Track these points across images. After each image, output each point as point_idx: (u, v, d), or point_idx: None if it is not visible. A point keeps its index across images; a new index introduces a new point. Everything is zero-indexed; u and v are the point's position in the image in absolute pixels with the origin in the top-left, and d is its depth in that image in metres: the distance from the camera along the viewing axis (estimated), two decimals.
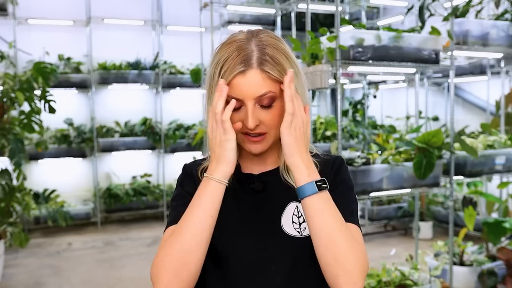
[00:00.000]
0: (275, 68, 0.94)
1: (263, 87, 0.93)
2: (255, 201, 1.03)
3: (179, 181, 1.08)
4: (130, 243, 5.45)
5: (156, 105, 6.84)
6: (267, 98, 0.94)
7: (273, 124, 0.96)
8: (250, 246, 1.00)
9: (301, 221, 1.00)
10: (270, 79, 0.93)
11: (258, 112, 0.94)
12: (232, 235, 1.01)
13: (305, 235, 0.98)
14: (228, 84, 0.93)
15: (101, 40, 6.36)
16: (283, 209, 1.02)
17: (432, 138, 2.92)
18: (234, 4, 4.82)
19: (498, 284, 3.43)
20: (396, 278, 3.01)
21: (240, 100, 0.93)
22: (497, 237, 3.52)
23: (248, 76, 0.93)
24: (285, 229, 1.00)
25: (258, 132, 0.96)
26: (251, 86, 0.93)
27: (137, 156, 6.82)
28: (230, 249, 1.00)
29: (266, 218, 1.02)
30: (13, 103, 4.09)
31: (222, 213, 0.97)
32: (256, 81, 0.93)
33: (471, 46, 3.17)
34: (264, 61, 0.93)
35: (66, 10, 6.35)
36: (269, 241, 1.00)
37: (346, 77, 5.35)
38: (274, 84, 0.94)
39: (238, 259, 1.00)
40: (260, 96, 0.93)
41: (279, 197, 1.03)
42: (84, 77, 6.29)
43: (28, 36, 6.06)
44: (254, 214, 1.02)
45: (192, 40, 6.23)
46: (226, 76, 0.93)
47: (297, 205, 1.02)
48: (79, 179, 6.50)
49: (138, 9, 6.70)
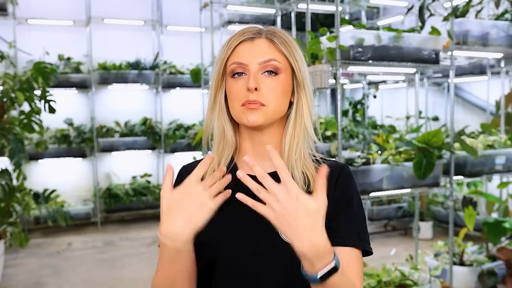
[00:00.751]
0: (283, 44, 0.96)
1: (269, 54, 0.95)
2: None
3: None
4: (130, 243, 5.45)
5: (156, 105, 6.85)
6: (271, 65, 0.95)
7: (272, 96, 0.95)
8: (243, 250, 0.95)
9: None
10: (277, 50, 0.96)
11: (260, 79, 0.95)
12: (224, 237, 0.97)
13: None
14: (233, 51, 0.96)
15: (101, 40, 6.36)
16: None
17: (432, 138, 2.92)
18: (234, 4, 4.82)
19: (498, 284, 3.43)
20: (396, 278, 3.01)
21: (245, 65, 0.95)
22: (497, 237, 3.52)
23: (256, 42, 0.96)
24: (281, 234, 0.93)
25: (257, 102, 0.94)
26: (257, 51, 0.95)
27: (137, 156, 6.82)
28: (221, 252, 0.96)
29: (261, 222, 0.93)
30: (13, 103, 4.09)
31: (217, 213, 0.94)
32: (263, 47, 0.95)
33: (471, 46, 3.17)
34: (274, 34, 0.97)
35: (66, 10, 6.35)
36: (264, 245, 0.95)
37: (346, 77, 5.35)
38: (280, 56, 0.96)
39: (229, 263, 0.96)
40: (265, 62, 0.94)
41: None
42: (84, 77, 6.29)
43: (28, 36, 6.06)
44: (248, 217, 0.95)
45: (192, 40, 6.23)
46: (232, 43, 0.96)
47: None
48: (79, 179, 6.50)
49: (138, 9, 6.71)
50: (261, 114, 0.95)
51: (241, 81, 0.96)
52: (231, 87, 0.97)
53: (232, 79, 0.97)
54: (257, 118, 0.95)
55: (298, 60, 0.98)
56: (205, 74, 5.36)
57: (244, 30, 0.98)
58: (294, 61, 0.97)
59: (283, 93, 0.96)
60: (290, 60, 0.97)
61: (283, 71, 0.96)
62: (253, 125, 0.96)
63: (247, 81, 0.94)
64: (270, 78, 0.95)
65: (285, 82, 0.97)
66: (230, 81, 0.98)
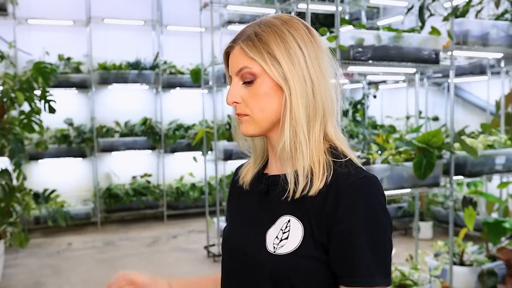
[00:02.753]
0: (255, 46, 0.90)
1: (240, 62, 0.92)
2: (258, 205, 0.98)
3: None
4: (130, 243, 5.45)
5: (156, 105, 6.85)
6: (245, 73, 0.92)
7: (252, 104, 0.92)
8: (237, 250, 0.98)
9: (284, 237, 0.89)
10: (247, 56, 0.92)
11: (240, 89, 0.94)
12: (231, 236, 1.02)
13: (279, 253, 0.88)
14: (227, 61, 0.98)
15: (101, 40, 6.36)
16: (276, 219, 0.92)
17: (432, 138, 2.92)
18: (234, 4, 4.82)
19: (498, 284, 3.43)
20: (396, 278, 3.01)
21: (231, 78, 0.96)
22: (497, 237, 3.52)
23: (233, 52, 0.95)
24: (266, 241, 0.91)
25: (239, 114, 0.95)
26: (233, 61, 0.94)
27: (137, 156, 6.82)
28: (225, 248, 1.03)
29: (258, 225, 0.95)
30: (13, 103, 4.09)
31: (235, 212, 1.05)
32: (236, 56, 0.94)
33: (471, 46, 3.17)
34: (248, 38, 0.92)
35: (66, 10, 6.35)
36: (250, 249, 0.94)
37: (346, 77, 5.34)
38: (252, 62, 0.91)
39: (227, 261, 1.01)
40: (239, 71, 0.93)
41: (277, 205, 0.93)
42: (84, 77, 6.29)
43: (28, 36, 6.06)
44: (252, 219, 0.98)
45: (192, 40, 6.24)
46: (224, 56, 0.98)
47: (289, 219, 0.90)
48: (79, 179, 6.50)
49: (138, 9, 6.70)
50: (248, 124, 0.94)
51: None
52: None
53: None
54: (246, 129, 0.95)
55: (277, 57, 0.90)
56: (205, 74, 5.36)
57: (237, 33, 0.98)
58: (265, 62, 0.90)
59: (266, 97, 0.91)
60: (260, 62, 0.90)
61: (260, 74, 0.91)
62: (246, 135, 0.97)
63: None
64: (248, 88, 0.93)
65: (264, 85, 0.91)
66: None
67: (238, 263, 0.97)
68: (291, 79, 0.89)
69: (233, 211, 1.07)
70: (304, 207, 0.88)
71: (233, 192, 1.10)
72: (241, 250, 0.97)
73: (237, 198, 1.06)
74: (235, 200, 1.07)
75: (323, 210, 0.86)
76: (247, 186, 1.03)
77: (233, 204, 1.08)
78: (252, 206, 1.00)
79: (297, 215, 0.89)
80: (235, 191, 1.08)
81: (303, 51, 0.91)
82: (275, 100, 0.91)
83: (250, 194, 1.01)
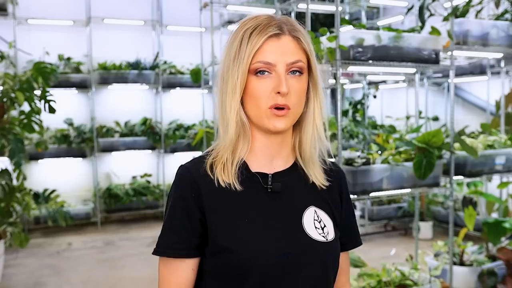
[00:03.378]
0: (306, 41, 0.94)
1: (296, 55, 0.92)
2: (272, 203, 0.95)
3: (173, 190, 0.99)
4: (130, 243, 5.45)
5: (156, 105, 6.84)
6: (297, 66, 0.92)
7: (297, 98, 0.92)
8: (275, 253, 0.91)
9: (322, 225, 0.97)
10: (301, 49, 0.93)
11: (287, 81, 0.91)
12: (253, 242, 0.91)
13: (330, 240, 0.97)
14: (259, 48, 0.91)
15: (101, 40, 6.35)
16: (302, 213, 0.96)
17: (432, 138, 2.92)
18: (234, 4, 4.82)
19: (498, 284, 3.43)
20: (396, 278, 3.01)
21: (271, 65, 0.91)
22: (497, 237, 3.52)
23: (283, 40, 0.92)
24: (310, 234, 0.95)
25: (286, 105, 0.91)
26: (284, 51, 0.91)
27: (137, 156, 6.82)
28: (253, 258, 0.90)
29: (288, 223, 0.95)
30: (13, 103, 4.09)
31: (238, 215, 0.93)
32: (290, 47, 0.92)
33: (471, 46, 3.17)
34: (296, 30, 0.94)
35: (66, 10, 6.35)
36: (296, 247, 0.93)
37: (346, 77, 5.35)
38: (304, 56, 0.94)
39: (263, 268, 0.90)
40: (292, 63, 0.91)
41: (297, 200, 0.97)
42: (84, 77, 6.28)
43: (28, 36, 6.06)
44: (274, 218, 0.94)
45: (192, 40, 6.23)
46: (257, 40, 0.90)
47: (315, 209, 0.98)
48: (79, 179, 6.50)
49: (138, 9, 6.70)
50: (287, 120, 0.92)
51: (267, 81, 0.91)
52: (255, 86, 0.91)
53: (256, 78, 0.92)
54: (284, 125, 0.92)
55: (314, 57, 0.96)
56: (205, 74, 5.35)
57: (263, 22, 0.92)
58: (314, 60, 0.95)
59: (304, 94, 0.95)
60: (311, 59, 0.95)
61: (305, 71, 0.94)
62: (278, 131, 0.93)
63: (274, 82, 0.90)
64: (295, 79, 0.92)
65: (305, 82, 0.95)
66: (253, 79, 0.92)
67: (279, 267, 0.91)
68: (320, 83, 0.97)
69: (232, 216, 0.94)
70: (322, 196, 1.01)
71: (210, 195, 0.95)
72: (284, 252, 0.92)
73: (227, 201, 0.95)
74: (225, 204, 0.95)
75: (336, 196, 1.04)
76: (237, 185, 0.94)
77: (225, 208, 0.94)
78: (265, 207, 0.95)
79: (318, 205, 0.99)
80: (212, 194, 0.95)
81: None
82: (305, 98, 0.96)
83: (249, 195, 0.95)
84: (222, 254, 0.92)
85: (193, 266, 0.96)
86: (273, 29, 0.91)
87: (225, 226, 0.93)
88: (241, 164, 0.96)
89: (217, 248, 0.92)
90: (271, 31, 0.91)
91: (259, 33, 0.91)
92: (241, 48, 0.91)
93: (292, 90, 0.91)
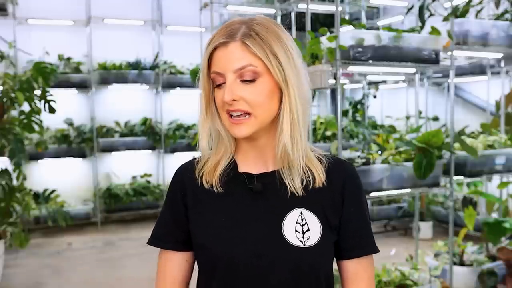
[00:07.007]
0: (259, 44, 0.90)
1: (243, 60, 0.90)
2: (253, 204, 0.96)
3: (169, 187, 1.07)
4: (130, 243, 5.45)
5: (156, 105, 6.84)
6: (247, 72, 0.90)
7: (257, 102, 0.90)
8: (247, 253, 0.92)
9: (304, 229, 0.93)
10: (251, 53, 0.90)
11: (238, 88, 0.90)
12: (227, 240, 0.94)
13: (309, 245, 0.92)
14: (210, 58, 0.92)
15: (101, 40, 6.35)
16: (285, 215, 0.94)
17: (432, 138, 2.92)
18: (234, 4, 4.82)
19: (498, 284, 3.43)
20: (396, 278, 3.01)
21: (222, 75, 0.91)
22: (497, 237, 3.52)
23: (230, 48, 0.90)
24: (287, 237, 0.92)
25: (239, 110, 0.90)
26: (231, 58, 0.90)
27: (137, 156, 6.82)
28: (225, 255, 0.93)
29: (266, 224, 0.94)
30: (13, 103, 4.09)
31: (217, 214, 0.96)
32: (237, 53, 0.90)
33: (471, 46, 3.16)
34: (248, 35, 0.90)
35: (66, 10, 6.35)
36: (269, 249, 0.92)
37: (346, 77, 5.35)
38: (256, 60, 0.90)
39: (234, 266, 0.93)
40: (240, 69, 0.89)
41: (281, 202, 0.95)
42: (84, 77, 6.29)
43: (28, 36, 6.06)
44: (252, 218, 0.95)
45: (192, 40, 6.22)
46: (208, 51, 0.92)
47: (301, 211, 0.95)
48: (79, 179, 6.50)
49: (138, 9, 6.70)
50: (247, 126, 0.92)
51: (221, 91, 0.92)
52: (216, 97, 0.94)
53: (217, 89, 0.94)
54: (245, 132, 0.92)
55: (279, 57, 0.91)
56: None
57: (220, 31, 0.92)
58: (269, 62, 0.90)
59: (268, 96, 0.92)
60: (266, 62, 0.90)
61: (263, 74, 0.91)
62: (241, 137, 0.94)
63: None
64: (248, 84, 0.90)
65: (268, 84, 0.91)
66: (216, 91, 0.94)
67: (249, 268, 0.92)
68: (290, 80, 0.92)
69: (211, 215, 0.97)
70: (314, 198, 0.96)
71: (193, 195, 1.00)
72: (256, 253, 0.92)
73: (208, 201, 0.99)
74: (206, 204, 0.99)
75: (334, 197, 0.97)
76: (218, 187, 0.97)
77: (205, 207, 0.99)
78: (245, 207, 0.96)
79: (307, 206, 0.95)
80: (195, 194, 1.00)
81: (294, 51, 0.94)
82: (276, 100, 0.94)
83: (231, 195, 0.97)
84: (200, 250, 0.98)
85: (187, 258, 1.03)
86: (220, 39, 0.91)
87: (203, 224, 0.97)
88: (231, 164, 0.99)
89: (196, 245, 0.98)
90: (216, 40, 0.91)
91: (209, 44, 0.93)
92: (202, 60, 0.95)
93: (246, 97, 0.90)
